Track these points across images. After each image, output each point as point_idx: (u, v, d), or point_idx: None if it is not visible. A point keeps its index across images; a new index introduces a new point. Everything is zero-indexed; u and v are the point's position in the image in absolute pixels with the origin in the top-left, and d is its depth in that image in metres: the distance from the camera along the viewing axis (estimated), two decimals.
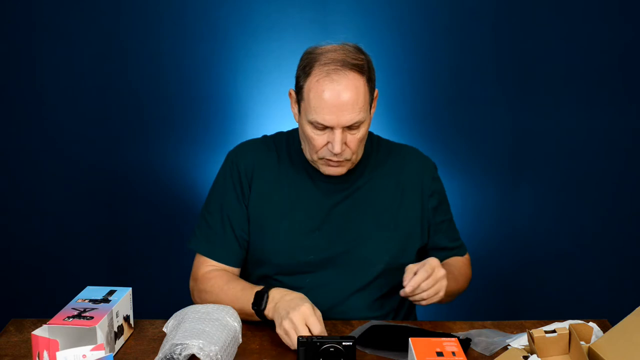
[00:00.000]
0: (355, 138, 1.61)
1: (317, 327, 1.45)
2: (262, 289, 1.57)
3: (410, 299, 1.56)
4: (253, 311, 1.57)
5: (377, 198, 1.72)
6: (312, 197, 1.70)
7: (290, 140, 1.76)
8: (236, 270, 1.74)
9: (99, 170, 2.74)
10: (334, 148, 1.58)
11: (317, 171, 1.70)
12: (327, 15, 2.61)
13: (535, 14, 2.67)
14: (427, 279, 1.53)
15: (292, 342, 1.45)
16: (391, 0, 2.66)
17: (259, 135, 1.83)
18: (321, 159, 1.63)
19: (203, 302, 1.66)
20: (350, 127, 1.59)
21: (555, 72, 2.69)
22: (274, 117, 2.63)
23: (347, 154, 1.62)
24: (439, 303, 1.65)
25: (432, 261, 1.55)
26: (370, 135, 1.78)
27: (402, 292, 1.54)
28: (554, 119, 2.72)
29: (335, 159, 1.61)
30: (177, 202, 2.74)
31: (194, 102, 2.71)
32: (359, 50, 1.62)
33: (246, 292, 1.60)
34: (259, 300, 1.55)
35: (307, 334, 1.44)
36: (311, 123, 1.60)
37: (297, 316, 1.46)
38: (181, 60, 2.68)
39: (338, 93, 1.55)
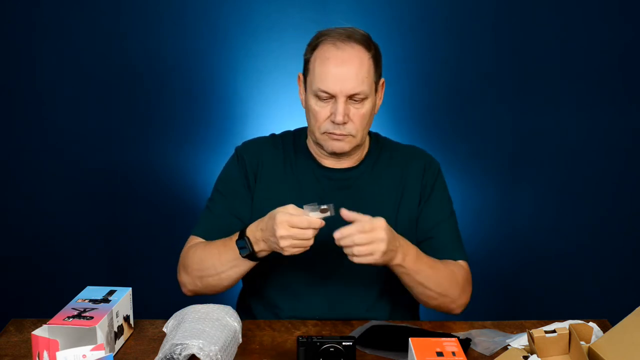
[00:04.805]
0: (359, 113, 1.61)
1: (304, 219, 1.43)
2: (238, 236, 1.55)
3: (345, 251, 1.48)
4: (244, 259, 1.55)
5: (379, 195, 1.72)
6: (315, 192, 1.70)
7: (296, 137, 1.78)
8: None
9: (99, 170, 2.74)
10: (336, 117, 1.58)
11: (322, 167, 1.71)
12: (327, 15, 2.61)
13: (535, 14, 2.66)
14: (362, 234, 1.45)
15: (301, 242, 1.45)
16: (391, 0, 2.66)
17: (260, 135, 1.84)
18: (324, 133, 1.63)
19: (185, 283, 1.67)
20: (353, 100, 1.59)
21: (555, 72, 2.69)
22: (274, 117, 2.63)
23: (350, 128, 1.61)
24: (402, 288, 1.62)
25: (377, 220, 1.46)
26: (375, 135, 1.79)
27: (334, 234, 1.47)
28: (554, 119, 2.72)
29: (337, 131, 1.61)
30: (177, 202, 2.74)
31: (194, 102, 2.71)
32: (368, 36, 1.65)
33: (227, 242, 1.58)
34: (244, 246, 1.54)
35: (300, 225, 1.43)
36: (316, 95, 1.61)
37: (280, 219, 1.44)
38: (181, 60, 2.68)
39: (342, 60, 1.58)
